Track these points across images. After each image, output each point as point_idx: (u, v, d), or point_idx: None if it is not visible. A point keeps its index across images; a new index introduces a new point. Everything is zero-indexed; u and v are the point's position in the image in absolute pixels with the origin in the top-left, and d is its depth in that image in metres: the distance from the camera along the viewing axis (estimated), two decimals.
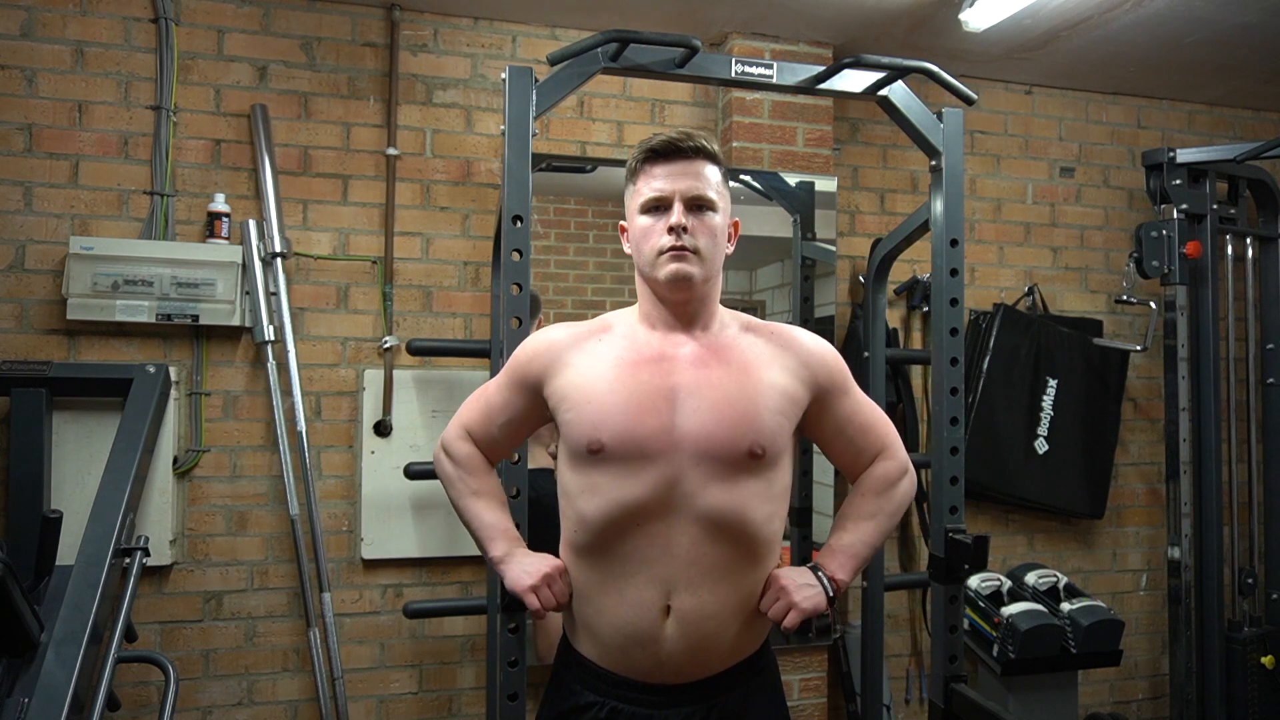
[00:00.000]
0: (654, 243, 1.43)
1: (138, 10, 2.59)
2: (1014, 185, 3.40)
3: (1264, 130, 3.64)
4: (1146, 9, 2.73)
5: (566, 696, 1.51)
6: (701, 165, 1.46)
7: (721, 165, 1.49)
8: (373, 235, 2.75)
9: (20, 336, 2.50)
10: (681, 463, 1.40)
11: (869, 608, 2.83)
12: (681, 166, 1.44)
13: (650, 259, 1.44)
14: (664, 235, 1.42)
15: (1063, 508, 3.30)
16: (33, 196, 2.52)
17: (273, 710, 2.66)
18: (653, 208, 1.45)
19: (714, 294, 1.51)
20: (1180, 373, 3.15)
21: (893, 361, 3.02)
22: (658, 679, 1.44)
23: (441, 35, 2.83)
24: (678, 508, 1.40)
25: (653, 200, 1.44)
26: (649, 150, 1.45)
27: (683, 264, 1.41)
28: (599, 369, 1.46)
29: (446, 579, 2.79)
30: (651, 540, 1.40)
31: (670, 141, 1.44)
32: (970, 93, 2.24)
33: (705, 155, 1.46)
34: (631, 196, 1.49)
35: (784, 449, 1.46)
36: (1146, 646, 3.50)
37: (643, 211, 1.46)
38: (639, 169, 1.47)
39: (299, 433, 2.63)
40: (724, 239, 1.49)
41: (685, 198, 1.43)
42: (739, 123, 2.91)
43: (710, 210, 1.45)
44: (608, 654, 1.46)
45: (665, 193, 1.43)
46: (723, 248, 1.49)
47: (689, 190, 1.43)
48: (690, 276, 1.42)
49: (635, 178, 1.48)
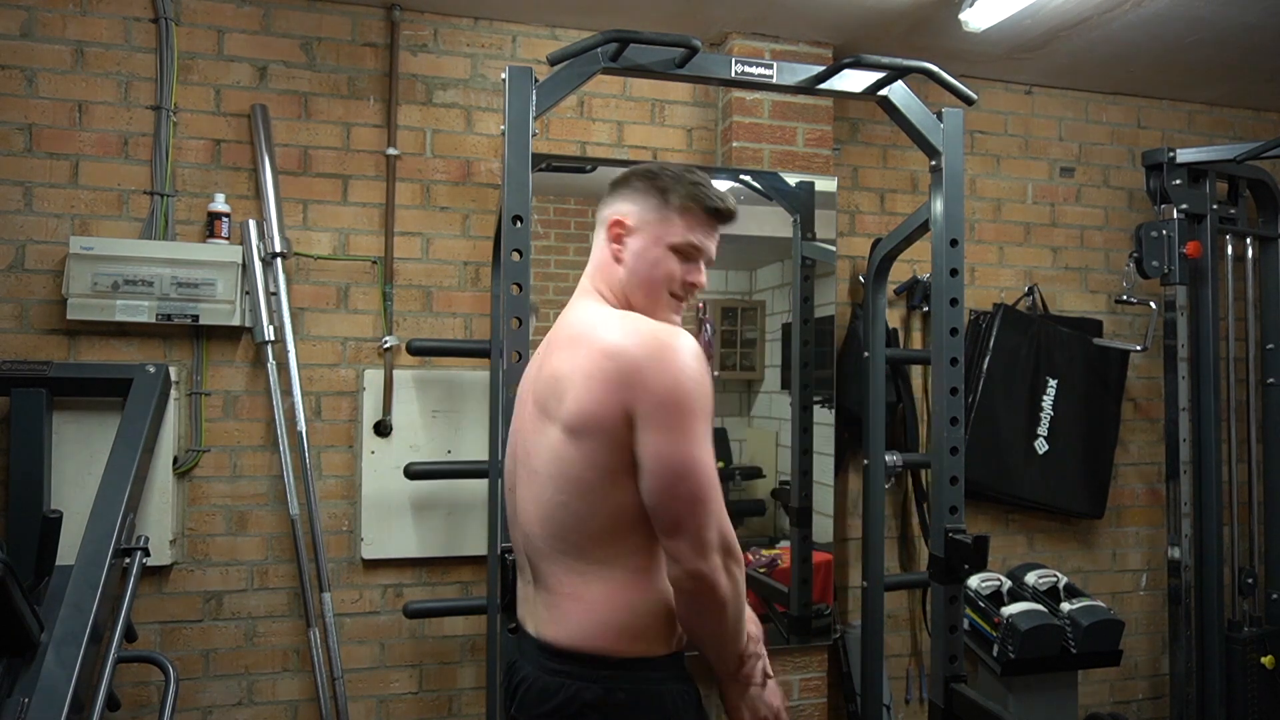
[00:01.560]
0: (668, 285, 1.51)
1: (138, 10, 2.59)
2: (1014, 185, 3.40)
3: (1264, 130, 3.64)
4: (1146, 9, 2.73)
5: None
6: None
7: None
8: (373, 235, 2.76)
9: (20, 336, 2.50)
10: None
11: (869, 608, 2.84)
12: (719, 231, 1.55)
13: (657, 298, 1.51)
14: (681, 285, 1.51)
15: (1063, 508, 3.30)
16: (33, 196, 2.52)
17: (273, 710, 2.66)
18: (684, 251, 1.51)
19: None
20: (1180, 373, 3.15)
21: (893, 361, 3.02)
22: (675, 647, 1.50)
23: (441, 35, 2.83)
24: None
25: (691, 248, 1.51)
26: (714, 209, 1.51)
27: (678, 315, 1.54)
28: None
29: (446, 579, 2.79)
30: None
31: (731, 210, 1.53)
32: (970, 93, 2.24)
33: (732, 221, 1.56)
34: (665, 224, 1.50)
35: None
36: (1146, 646, 3.50)
37: (673, 248, 1.50)
38: (693, 211, 1.50)
39: (299, 433, 2.63)
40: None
41: (708, 259, 1.54)
42: (739, 123, 2.91)
43: (708, 266, 1.57)
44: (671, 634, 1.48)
45: (704, 249, 1.52)
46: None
47: (712, 254, 1.55)
48: (677, 325, 1.52)
49: (683, 214, 1.50)
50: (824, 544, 2.99)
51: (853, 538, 3.11)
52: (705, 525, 1.33)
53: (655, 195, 1.51)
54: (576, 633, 1.41)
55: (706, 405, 1.37)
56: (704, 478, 1.34)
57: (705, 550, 1.33)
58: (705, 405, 1.37)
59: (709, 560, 1.33)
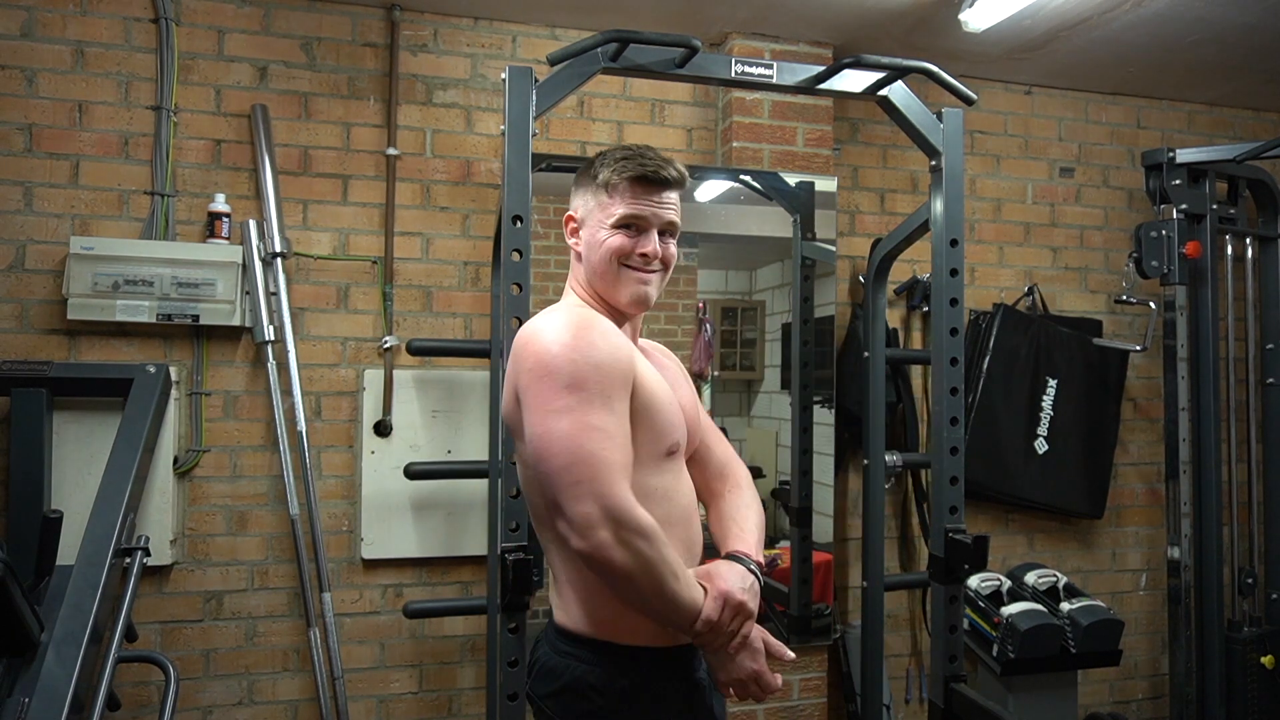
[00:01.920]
0: (623, 262, 1.47)
1: (138, 10, 2.59)
2: (1014, 185, 3.40)
3: (1264, 130, 3.64)
4: (1146, 9, 2.73)
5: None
6: (675, 194, 1.50)
7: (684, 188, 1.53)
8: (373, 235, 2.76)
9: (20, 336, 2.50)
10: (680, 456, 1.51)
11: (869, 608, 2.84)
12: (662, 195, 1.48)
13: (614, 278, 1.47)
14: (634, 258, 1.46)
15: (1062, 508, 3.30)
16: (33, 196, 2.52)
17: (273, 710, 2.66)
18: (626, 225, 1.46)
19: None
20: (1180, 373, 3.15)
21: (893, 361, 3.03)
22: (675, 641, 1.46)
23: (441, 35, 2.83)
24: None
25: (629, 220, 1.46)
26: (639, 177, 1.45)
27: (646, 288, 1.47)
28: (643, 363, 1.45)
29: (446, 579, 2.79)
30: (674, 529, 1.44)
31: (659, 170, 1.46)
32: (970, 93, 2.24)
33: (680, 186, 1.50)
34: (602, 207, 1.48)
35: None
36: (1146, 646, 3.50)
37: (615, 226, 1.46)
38: (620, 185, 1.46)
39: (299, 433, 2.63)
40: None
41: (660, 225, 1.48)
42: (739, 123, 2.91)
43: (673, 237, 1.51)
44: (661, 632, 1.44)
45: (645, 218, 1.46)
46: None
47: (664, 218, 1.48)
48: (650, 299, 1.49)
49: (611, 192, 1.47)
50: (824, 544, 2.99)
51: (853, 538, 3.12)
52: (574, 500, 1.25)
53: (589, 181, 1.51)
54: (579, 618, 1.43)
55: (576, 375, 1.29)
56: (561, 451, 1.27)
57: (583, 528, 1.25)
58: (573, 375, 1.29)
59: (591, 538, 1.25)
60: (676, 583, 1.31)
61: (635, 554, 1.26)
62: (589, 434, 1.27)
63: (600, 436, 1.27)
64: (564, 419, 1.28)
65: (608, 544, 1.25)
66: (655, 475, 1.43)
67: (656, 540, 1.29)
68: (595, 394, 1.29)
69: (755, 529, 1.56)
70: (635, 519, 1.27)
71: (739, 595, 1.37)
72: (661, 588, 1.29)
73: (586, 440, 1.27)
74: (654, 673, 1.42)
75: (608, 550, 1.25)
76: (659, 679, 1.42)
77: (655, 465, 1.43)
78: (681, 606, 1.33)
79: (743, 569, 1.45)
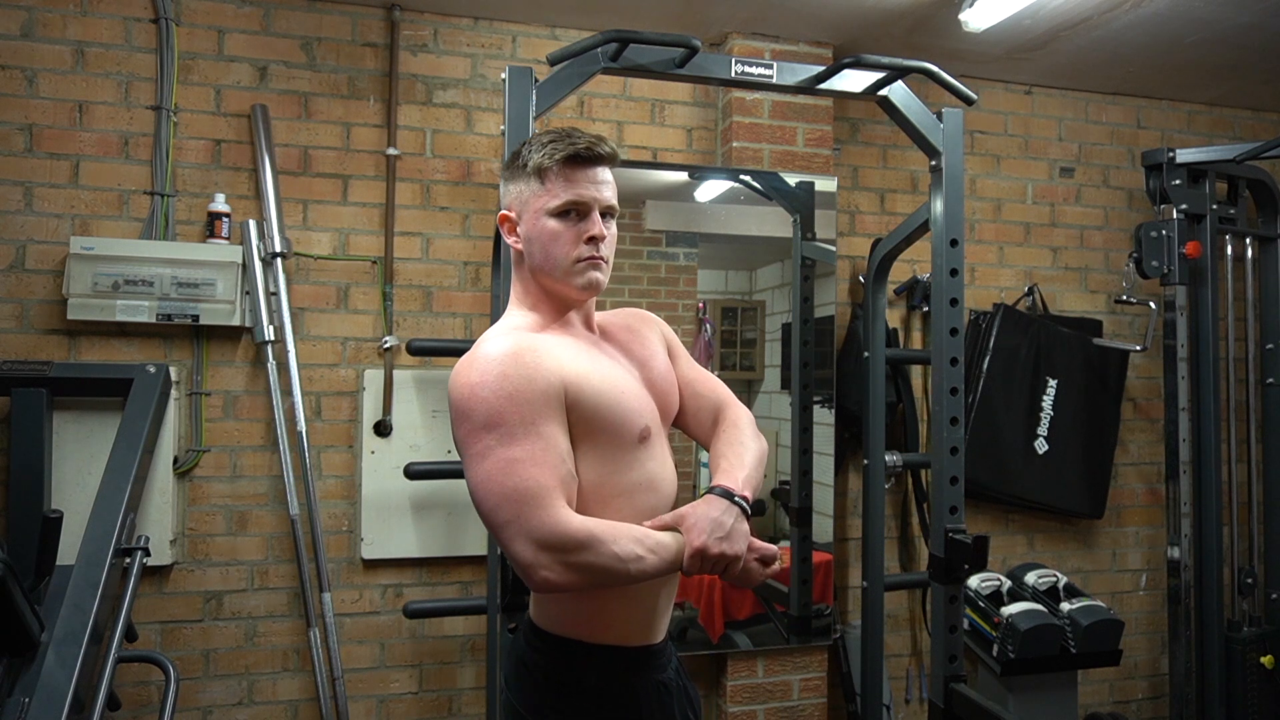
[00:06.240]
0: (568, 251, 1.40)
1: (138, 10, 2.59)
2: (1014, 185, 3.40)
3: (1264, 130, 3.64)
4: (1146, 9, 2.73)
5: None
6: (609, 172, 1.45)
7: (616, 164, 1.48)
8: (373, 235, 2.76)
9: (21, 336, 2.50)
10: (658, 437, 1.48)
11: (869, 608, 2.84)
12: (597, 173, 1.42)
13: (565, 266, 1.41)
14: (581, 244, 1.40)
15: (1063, 508, 3.30)
16: (33, 196, 2.52)
17: (273, 710, 2.66)
18: (566, 212, 1.40)
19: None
20: (1180, 373, 3.15)
21: (893, 361, 3.03)
22: (653, 639, 1.48)
23: (441, 35, 2.83)
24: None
25: (569, 205, 1.40)
26: (570, 155, 1.40)
27: (598, 273, 1.43)
28: (588, 360, 1.41)
29: (446, 579, 2.79)
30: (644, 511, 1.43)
31: (591, 147, 1.41)
32: (970, 93, 2.24)
33: (613, 161, 1.45)
34: (537, 196, 1.41)
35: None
36: (1146, 646, 3.50)
37: (554, 214, 1.40)
38: (553, 169, 1.40)
39: (299, 433, 2.63)
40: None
41: (601, 207, 1.42)
42: (739, 123, 2.92)
43: (613, 218, 1.46)
44: (647, 628, 1.46)
45: (584, 200, 1.40)
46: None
47: (605, 200, 1.43)
48: (601, 284, 1.44)
49: (545, 178, 1.40)
50: (824, 544, 2.99)
51: (853, 538, 3.12)
52: (509, 541, 1.26)
53: (519, 171, 1.44)
54: (552, 615, 1.43)
55: (491, 413, 1.27)
56: (487, 495, 1.28)
57: (525, 567, 1.26)
58: (488, 414, 1.27)
59: (535, 575, 1.25)
60: (641, 563, 1.31)
61: (583, 568, 1.27)
62: (510, 470, 1.26)
63: (522, 467, 1.27)
64: (485, 461, 1.28)
65: (554, 573, 1.26)
66: (633, 468, 1.40)
67: (599, 542, 1.27)
68: (515, 425, 1.28)
69: (746, 463, 1.48)
70: (570, 537, 1.26)
71: (713, 550, 1.33)
72: (626, 577, 1.31)
73: (507, 477, 1.26)
74: (623, 671, 1.42)
75: (556, 579, 1.26)
76: (628, 678, 1.42)
77: (630, 457, 1.40)
78: (661, 573, 1.35)
79: (722, 504, 1.38)
